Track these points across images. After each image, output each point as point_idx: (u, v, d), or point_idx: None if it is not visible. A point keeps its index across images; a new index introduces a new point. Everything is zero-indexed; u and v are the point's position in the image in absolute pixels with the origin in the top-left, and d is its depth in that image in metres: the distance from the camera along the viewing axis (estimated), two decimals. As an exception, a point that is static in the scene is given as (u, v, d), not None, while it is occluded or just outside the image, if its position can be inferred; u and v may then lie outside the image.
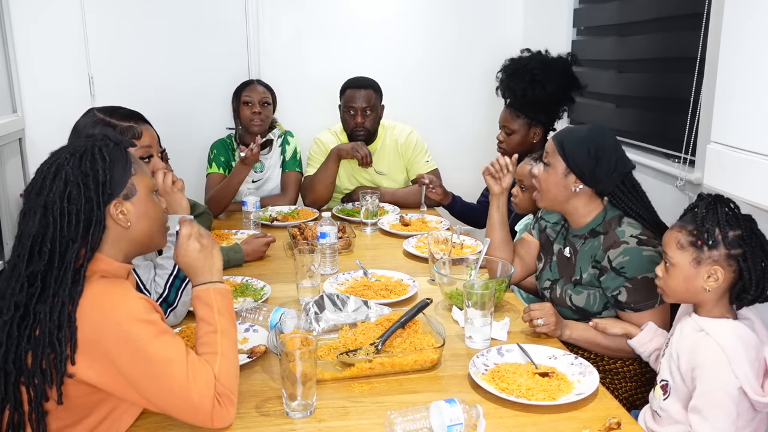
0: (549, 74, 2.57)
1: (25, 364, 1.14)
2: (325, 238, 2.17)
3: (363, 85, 2.98)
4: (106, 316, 1.16)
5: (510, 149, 2.62)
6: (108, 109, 1.78)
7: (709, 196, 1.42)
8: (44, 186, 1.21)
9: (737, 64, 1.58)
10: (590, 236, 1.80)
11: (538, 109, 2.60)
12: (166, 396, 1.18)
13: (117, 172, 1.26)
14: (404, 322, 1.61)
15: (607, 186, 1.76)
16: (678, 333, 1.47)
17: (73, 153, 1.24)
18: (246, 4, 3.43)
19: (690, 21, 2.20)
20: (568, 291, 1.83)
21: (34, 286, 1.17)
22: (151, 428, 1.29)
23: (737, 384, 1.31)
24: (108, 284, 1.22)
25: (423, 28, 3.63)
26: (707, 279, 1.39)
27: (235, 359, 1.30)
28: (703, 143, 2.03)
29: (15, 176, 3.20)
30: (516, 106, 2.64)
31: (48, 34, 3.25)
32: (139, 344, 1.16)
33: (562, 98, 2.64)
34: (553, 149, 1.80)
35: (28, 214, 1.21)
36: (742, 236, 1.36)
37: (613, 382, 1.77)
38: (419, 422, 1.24)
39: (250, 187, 2.99)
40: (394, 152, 3.10)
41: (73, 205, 1.20)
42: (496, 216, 2.04)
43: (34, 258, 1.18)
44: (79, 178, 1.21)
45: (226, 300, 1.34)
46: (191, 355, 1.22)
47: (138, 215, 1.29)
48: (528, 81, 2.57)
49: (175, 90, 3.45)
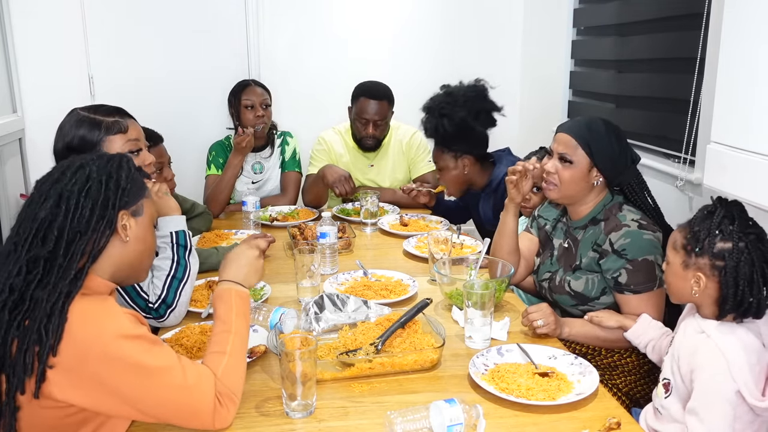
0: (454, 106, 2.51)
1: (9, 352, 1.11)
2: (325, 238, 2.17)
3: (378, 96, 2.93)
4: (91, 336, 1.12)
5: (450, 184, 2.63)
6: (91, 108, 1.77)
7: (719, 201, 1.41)
8: (63, 177, 1.21)
9: (737, 64, 1.58)
10: (591, 224, 1.83)
11: (455, 140, 2.55)
12: (166, 406, 1.17)
13: (136, 186, 1.28)
14: (404, 322, 1.61)
15: (626, 177, 1.81)
16: (682, 332, 1.48)
17: (100, 157, 1.26)
18: (246, 5, 3.43)
19: (690, 21, 2.20)
20: (567, 277, 1.85)
21: (34, 273, 1.14)
22: (151, 428, 1.29)
23: (735, 388, 1.31)
24: (90, 302, 1.17)
25: (423, 29, 3.63)
26: (693, 284, 1.40)
27: (243, 361, 1.31)
28: (703, 143, 2.03)
29: (15, 176, 3.20)
30: (438, 142, 2.62)
31: (48, 34, 3.25)
32: (130, 360, 1.13)
33: (474, 124, 2.54)
34: (573, 145, 1.79)
35: (36, 201, 1.19)
36: (731, 250, 1.34)
37: (612, 377, 1.78)
38: (419, 422, 1.24)
39: (250, 188, 2.99)
40: (397, 152, 3.10)
41: (90, 200, 1.20)
42: (511, 225, 1.96)
43: (37, 243, 1.15)
44: (102, 176, 1.22)
45: (244, 303, 1.38)
46: (184, 360, 1.21)
47: (136, 236, 1.29)
48: (437, 116, 2.54)
49: (175, 90, 3.45)
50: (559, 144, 1.82)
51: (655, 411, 1.49)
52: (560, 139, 1.82)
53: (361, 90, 2.98)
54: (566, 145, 1.80)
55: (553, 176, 1.83)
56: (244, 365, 1.31)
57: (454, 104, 2.52)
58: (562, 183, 1.82)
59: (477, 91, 2.57)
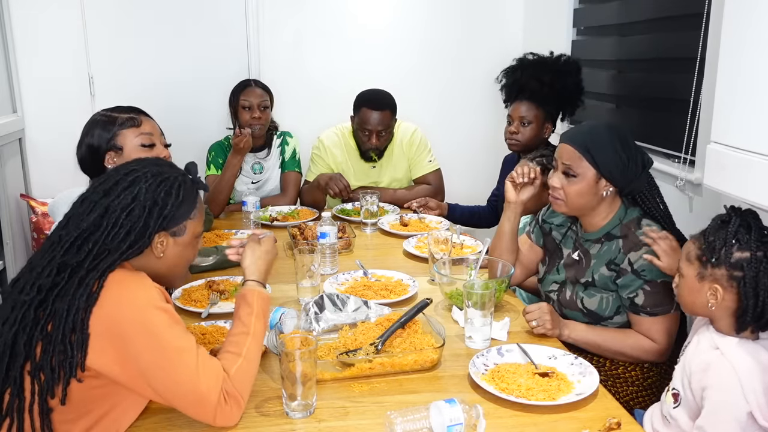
0: (572, 70, 2.62)
1: (34, 353, 1.15)
2: (325, 238, 2.17)
3: (380, 106, 2.89)
4: (125, 301, 1.18)
5: (523, 141, 2.62)
6: (110, 108, 1.86)
7: (733, 210, 1.37)
8: (114, 190, 1.24)
9: (737, 64, 1.58)
10: (606, 240, 1.75)
11: (558, 103, 2.62)
12: (175, 385, 1.19)
13: (181, 212, 1.30)
14: (404, 322, 1.61)
15: (637, 185, 1.72)
16: (695, 345, 1.43)
17: (156, 175, 1.28)
18: (246, 5, 3.43)
19: (690, 21, 2.20)
20: (580, 293, 1.79)
21: (61, 276, 1.18)
22: (151, 428, 1.29)
23: (747, 409, 1.27)
24: (125, 273, 1.23)
25: (423, 29, 3.63)
26: (709, 296, 1.35)
27: (256, 366, 1.32)
28: (703, 143, 2.03)
29: (15, 176, 3.20)
30: (538, 97, 2.61)
31: (48, 34, 3.25)
32: (155, 330, 1.17)
33: (576, 99, 2.66)
34: (576, 156, 1.69)
35: (87, 206, 1.24)
36: (749, 259, 1.30)
37: (615, 385, 1.76)
38: (419, 422, 1.24)
39: (250, 188, 2.99)
40: (397, 151, 3.08)
41: (129, 221, 1.23)
42: (507, 226, 1.95)
43: (74, 249, 1.20)
44: (147, 202, 1.25)
45: (266, 305, 1.40)
46: (201, 349, 1.23)
47: (174, 254, 1.33)
48: (555, 72, 2.60)
49: (175, 90, 3.44)
50: (562, 156, 1.73)
51: (663, 418, 1.47)
52: (563, 150, 1.73)
53: (363, 100, 2.94)
54: (570, 157, 1.71)
55: (559, 191, 1.74)
56: (256, 370, 1.33)
57: (572, 67, 2.65)
58: (568, 198, 1.73)
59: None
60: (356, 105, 2.96)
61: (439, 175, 3.13)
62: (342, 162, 3.06)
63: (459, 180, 3.42)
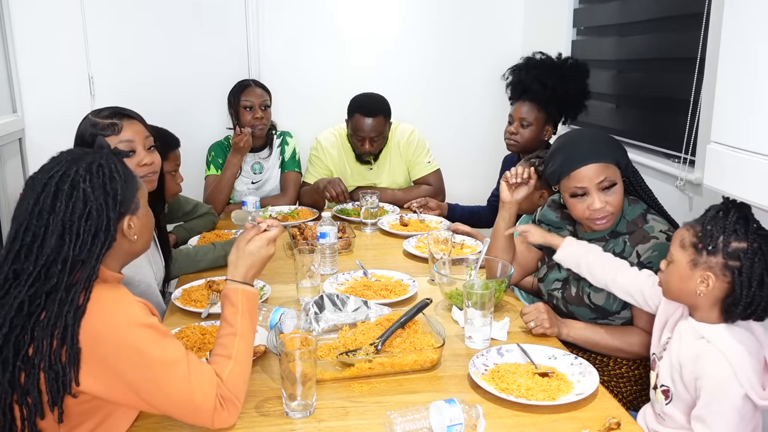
0: (577, 74, 2.62)
1: (18, 383, 1.12)
2: (325, 238, 2.17)
3: (372, 112, 2.88)
4: (104, 321, 1.15)
5: (522, 142, 2.63)
6: (99, 109, 1.82)
7: (730, 202, 1.39)
8: (57, 203, 1.17)
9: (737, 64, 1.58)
10: (611, 237, 1.77)
11: (560, 106, 2.62)
12: (169, 398, 1.18)
13: (130, 189, 1.27)
14: (404, 322, 1.61)
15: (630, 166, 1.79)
16: (677, 339, 1.44)
17: (87, 168, 1.21)
18: (246, 5, 3.43)
19: (690, 21, 2.20)
20: (587, 289, 1.79)
21: (35, 304, 1.14)
22: (151, 428, 1.29)
23: (742, 392, 1.29)
24: (104, 290, 1.19)
25: (423, 30, 3.62)
26: (699, 283, 1.36)
27: (248, 365, 1.31)
28: (703, 143, 2.03)
29: (15, 176, 3.20)
30: (541, 99, 2.62)
31: (48, 35, 3.25)
32: (140, 348, 1.15)
33: (579, 103, 2.66)
34: (610, 169, 1.69)
35: (37, 231, 1.16)
36: (746, 250, 1.32)
37: (618, 384, 1.76)
38: (419, 422, 1.24)
39: (250, 188, 2.99)
40: (395, 152, 3.09)
41: (91, 225, 1.18)
42: (501, 226, 1.96)
43: (41, 277, 1.15)
44: (100, 198, 1.20)
45: (252, 303, 1.36)
46: (191, 356, 1.22)
47: (141, 228, 1.30)
48: (558, 76, 2.60)
49: (175, 91, 3.44)
50: (593, 178, 1.69)
51: (657, 416, 1.48)
52: (592, 172, 1.69)
53: (356, 106, 2.93)
54: (602, 172, 1.69)
55: (605, 209, 1.70)
56: (249, 369, 1.31)
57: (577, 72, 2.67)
58: (615, 207, 1.71)
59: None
60: (350, 110, 2.96)
61: (439, 175, 3.13)
62: (339, 163, 3.06)
63: (459, 180, 3.42)
